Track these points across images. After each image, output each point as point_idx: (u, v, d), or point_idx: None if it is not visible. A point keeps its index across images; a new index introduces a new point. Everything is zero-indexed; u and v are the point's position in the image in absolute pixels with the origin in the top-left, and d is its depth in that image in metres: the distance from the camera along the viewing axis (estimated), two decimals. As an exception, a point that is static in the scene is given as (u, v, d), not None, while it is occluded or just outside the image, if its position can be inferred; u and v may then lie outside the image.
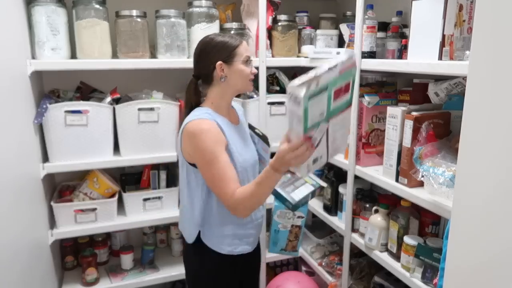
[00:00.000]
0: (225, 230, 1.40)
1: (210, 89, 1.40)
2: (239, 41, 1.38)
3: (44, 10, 1.60)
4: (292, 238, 1.61)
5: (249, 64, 1.39)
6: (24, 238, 1.46)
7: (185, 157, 1.35)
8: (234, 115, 1.47)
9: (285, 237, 1.60)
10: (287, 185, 1.47)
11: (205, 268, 1.44)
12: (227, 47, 1.36)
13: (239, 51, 1.36)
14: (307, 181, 1.50)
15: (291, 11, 2.14)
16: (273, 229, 1.59)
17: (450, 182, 1.15)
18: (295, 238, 1.61)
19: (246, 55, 1.37)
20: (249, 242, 1.47)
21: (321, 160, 1.17)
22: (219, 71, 1.35)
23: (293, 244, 1.62)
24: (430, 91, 1.44)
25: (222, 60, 1.35)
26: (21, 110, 1.52)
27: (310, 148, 1.04)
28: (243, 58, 1.36)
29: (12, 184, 1.37)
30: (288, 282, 2.05)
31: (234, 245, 1.43)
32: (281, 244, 1.62)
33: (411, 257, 1.39)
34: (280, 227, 1.58)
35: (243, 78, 1.38)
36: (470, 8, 1.18)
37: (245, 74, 1.38)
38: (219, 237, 1.41)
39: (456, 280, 0.81)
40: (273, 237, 1.60)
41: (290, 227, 1.58)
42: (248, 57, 1.38)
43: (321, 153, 1.14)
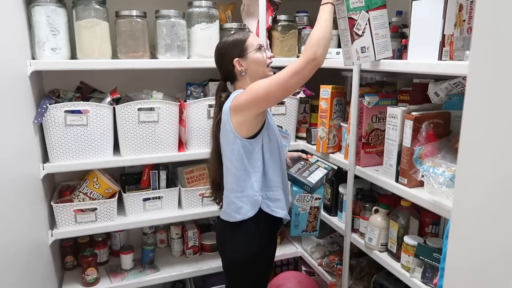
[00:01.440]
0: (278, 194, 1.51)
1: (236, 84, 1.52)
2: (247, 34, 1.49)
3: (44, 10, 1.60)
4: (311, 219, 1.78)
5: (262, 51, 1.48)
6: (24, 238, 1.46)
7: (239, 132, 1.41)
8: None
9: (305, 219, 1.76)
10: (302, 171, 1.66)
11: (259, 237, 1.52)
12: (238, 43, 1.47)
13: (249, 42, 1.47)
14: (320, 165, 1.69)
15: (291, 11, 2.15)
16: (293, 213, 1.74)
17: (450, 182, 1.15)
18: (314, 218, 1.78)
19: (257, 44, 1.47)
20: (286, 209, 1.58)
21: (369, 53, 1.41)
22: (238, 66, 1.47)
23: (313, 224, 1.79)
24: (430, 91, 1.44)
25: (237, 56, 1.46)
26: (21, 110, 1.52)
27: None
28: (255, 47, 1.46)
29: (12, 184, 1.37)
30: (288, 282, 2.05)
31: (284, 209, 1.54)
32: (302, 226, 1.78)
33: (411, 257, 1.40)
34: (300, 210, 1.74)
35: (260, 65, 1.48)
36: (470, 8, 1.18)
37: (261, 61, 1.48)
38: (275, 200, 1.51)
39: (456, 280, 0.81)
40: (294, 220, 1.76)
41: (309, 209, 1.75)
42: (260, 45, 1.48)
43: (368, 44, 1.40)
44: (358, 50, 1.40)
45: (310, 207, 1.75)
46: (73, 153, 1.75)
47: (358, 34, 1.40)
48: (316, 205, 1.76)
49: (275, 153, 1.50)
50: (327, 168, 1.68)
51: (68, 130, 1.72)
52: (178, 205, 2.01)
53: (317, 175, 1.64)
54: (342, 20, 1.40)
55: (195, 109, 1.89)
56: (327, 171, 1.67)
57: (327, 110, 1.78)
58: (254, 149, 1.44)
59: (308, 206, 1.75)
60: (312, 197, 1.74)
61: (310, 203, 1.75)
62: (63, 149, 1.73)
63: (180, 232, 2.19)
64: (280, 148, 1.53)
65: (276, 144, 1.50)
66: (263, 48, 1.50)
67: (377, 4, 1.40)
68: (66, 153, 1.74)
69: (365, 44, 1.41)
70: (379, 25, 1.42)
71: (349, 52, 1.42)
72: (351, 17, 1.38)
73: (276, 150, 1.50)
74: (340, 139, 1.85)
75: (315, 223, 1.79)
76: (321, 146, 1.85)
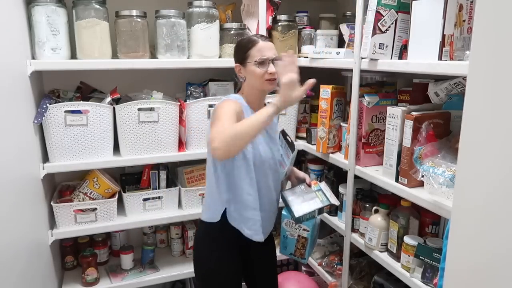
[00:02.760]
0: (247, 213, 1.46)
1: (242, 86, 1.51)
2: (254, 42, 1.43)
3: (44, 10, 1.60)
4: (299, 247, 1.64)
5: (264, 65, 1.41)
6: (24, 238, 1.46)
7: None
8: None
9: (293, 244, 1.64)
10: (297, 195, 1.57)
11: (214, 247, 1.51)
12: (241, 49, 1.45)
13: (251, 53, 1.42)
14: (318, 196, 1.55)
15: (291, 11, 2.14)
16: (282, 234, 1.65)
17: (450, 182, 1.15)
18: (302, 247, 1.64)
19: (259, 57, 1.40)
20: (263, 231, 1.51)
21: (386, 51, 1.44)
22: (238, 72, 1.48)
23: (301, 252, 1.65)
24: (430, 91, 1.44)
25: (239, 62, 1.46)
26: (21, 110, 1.52)
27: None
28: (255, 59, 1.41)
29: (12, 184, 1.37)
30: (288, 282, 2.05)
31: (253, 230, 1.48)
32: (290, 249, 1.66)
33: (411, 257, 1.39)
34: (288, 234, 1.63)
35: (257, 79, 1.43)
36: (470, 8, 1.18)
37: (257, 75, 1.42)
38: (243, 219, 1.47)
39: (456, 280, 0.81)
40: (283, 241, 1.66)
41: (297, 236, 1.62)
42: (263, 60, 1.41)
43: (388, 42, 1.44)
44: (376, 45, 1.42)
45: (298, 235, 1.62)
46: (73, 153, 1.75)
47: (381, 30, 1.41)
48: (304, 236, 1.61)
49: (249, 171, 1.43)
50: (323, 201, 1.53)
51: (68, 130, 1.71)
52: (178, 205, 2.00)
53: (308, 206, 1.52)
54: (371, 12, 1.42)
55: (195, 109, 1.89)
56: (322, 206, 1.52)
57: (327, 110, 1.78)
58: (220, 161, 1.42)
59: (295, 233, 1.62)
60: (300, 226, 1.59)
61: (298, 231, 1.61)
62: (63, 149, 1.73)
63: (180, 232, 2.19)
64: (264, 169, 1.47)
65: (252, 164, 1.43)
66: (268, 62, 1.41)
67: (408, 9, 1.40)
68: (66, 153, 1.74)
69: (385, 42, 1.43)
70: (403, 29, 1.44)
71: (366, 44, 1.44)
72: (379, 11, 1.39)
73: (251, 171, 1.44)
74: (340, 139, 1.85)
75: (303, 252, 1.65)
76: (321, 146, 1.85)
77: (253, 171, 1.44)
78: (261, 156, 1.45)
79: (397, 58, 1.45)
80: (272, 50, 1.44)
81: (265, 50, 1.42)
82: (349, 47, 1.76)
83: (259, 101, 1.51)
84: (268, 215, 1.55)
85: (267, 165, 1.48)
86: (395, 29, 1.44)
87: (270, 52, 1.42)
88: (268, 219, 1.56)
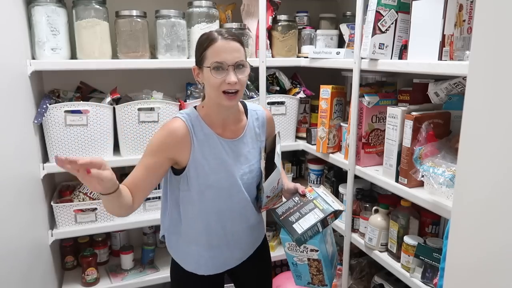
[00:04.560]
0: (189, 248, 1.34)
1: (205, 94, 1.28)
2: (211, 41, 1.14)
3: (44, 10, 1.60)
4: (314, 272, 1.32)
5: (220, 71, 1.13)
6: (24, 238, 1.46)
7: None
8: (235, 127, 1.30)
9: (306, 271, 1.32)
10: (291, 213, 1.29)
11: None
12: (198, 48, 1.18)
13: (207, 53, 1.14)
14: (317, 205, 1.28)
15: (291, 11, 2.14)
16: (290, 262, 1.34)
17: (450, 182, 1.15)
18: (318, 272, 1.32)
19: (215, 61, 1.12)
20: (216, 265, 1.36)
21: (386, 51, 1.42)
22: (195, 76, 1.23)
23: (319, 278, 1.33)
24: (430, 91, 1.44)
25: (196, 63, 1.21)
26: (21, 110, 1.52)
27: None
28: (211, 64, 1.13)
29: (12, 184, 1.37)
30: (288, 282, 2.05)
31: (197, 266, 1.35)
32: (306, 278, 1.35)
33: (411, 257, 1.39)
34: (296, 260, 1.31)
35: (212, 89, 1.16)
36: (470, 8, 1.18)
37: (212, 84, 1.15)
38: (182, 253, 1.37)
39: (456, 280, 0.81)
40: (294, 270, 1.35)
41: (307, 260, 1.29)
42: (218, 63, 1.13)
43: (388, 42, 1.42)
44: (376, 45, 1.42)
45: (308, 259, 1.28)
46: (73, 153, 1.75)
47: (381, 30, 1.41)
48: (314, 258, 1.27)
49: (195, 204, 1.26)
50: (324, 210, 1.24)
51: (68, 130, 1.71)
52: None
53: (307, 221, 1.23)
54: (371, 12, 1.42)
55: (195, 109, 1.89)
56: (323, 216, 1.23)
57: (327, 110, 1.78)
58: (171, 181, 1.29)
59: (304, 257, 1.28)
60: (306, 248, 1.25)
61: (305, 254, 1.27)
62: (63, 149, 1.73)
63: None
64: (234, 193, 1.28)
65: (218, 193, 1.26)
66: (226, 69, 1.13)
67: (408, 9, 1.40)
68: (66, 153, 1.74)
69: (385, 42, 1.43)
70: (403, 29, 1.45)
71: (367, 44, 1.44)
72: (379, 11, 1.40)
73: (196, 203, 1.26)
74: (340, 139, 1.85)
75: (321, 277, 1.32)
76: (321, 146, 1.85)
77: (200, 201, 1.26)
78: (211, 185, 1.24)
79: (397, 58, 1.45)
80: (234, 53, 1.14)
81: (224, 52, 1.12)
82: (349, 47, 1.77)
83: (221, 116, 1.24)
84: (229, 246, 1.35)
85: (226, 191, 1.27)
86: (395, 29, 1.44)
87: (230, 56, 1.13)
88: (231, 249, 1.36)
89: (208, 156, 1.24)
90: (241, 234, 1.37)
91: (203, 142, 1.24)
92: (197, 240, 1.32)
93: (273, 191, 1.34)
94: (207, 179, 1.24)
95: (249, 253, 1.44)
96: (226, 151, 1.26)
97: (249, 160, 1.32)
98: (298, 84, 2.17)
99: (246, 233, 1.39)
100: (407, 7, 1.42)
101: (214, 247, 1.33)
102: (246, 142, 1.32)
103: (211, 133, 1.25)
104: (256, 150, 1.34)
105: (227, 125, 1.29)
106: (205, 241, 1.32)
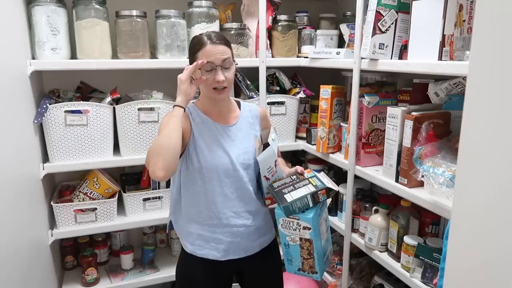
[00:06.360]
0: (190, 227, 1.40)
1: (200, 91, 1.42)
2: (201, 45, 1.29)
3: (44, 10, 1.60)
4: (305, 256, 1.30)
5: (210, 71, 1.29)
6: (24, 238, 1.46)
7: None
8: (229, 116, 1.43)
9: (298, 254, 1.30)
10: (288, 185, 1.33)
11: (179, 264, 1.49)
12: (190, 50, 1.36)
13: (198, 56, 1.30)
14: (311, 182, 1.32)
15: (291, 11, 2.14)
16: (282, 243, 1.33)
17: (450, 182, 1.15)
18: (309, 255, 1.29)
19: (204, 62, 1.27)
20: (218, 249, 1.38)
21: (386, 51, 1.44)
22: None
23: (310, 263, 1.31)
24: (430, 91, 1.44)
25: (189, 63, 1.34)
26: (21, 110, 1.52)
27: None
28: (203, 66, 1.28)
29: (12, 184, 1.37)
30: (288, 282, 2.05)
31: (197, 245, 1.39)
32: (296, 263, 1.32)
33: (411, 257, 1.39)
34: (289, 240, 1.30)
35: (204, 86, 1.33)
36: (470, 8, 1.18)
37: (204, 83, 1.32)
38: (184, 232, 1.42)
39: (456, 280, 0.81)
40: (285, 252, 1.33)
41: (299, 241, 1.28)
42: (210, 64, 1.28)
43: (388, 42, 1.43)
44: (376, 45, 1.42)
45: (300, 239, 1.27)
46: (73, 153, 1.75)
47: (381, 30, 1.41)
48: (306, 237, 1.26)
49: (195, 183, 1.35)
50: (317, 186, 1.28)
51: (68, 130, 1.71)
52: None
53: (299, 193, 1.27)
54: (371, 12, 1.42)
55: (195, 109, 1.89)
56: (315, 190, 1.27)
57: (327, 110, 1.78)
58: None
59: (296, 237, 1.28)
60: (299, 225, 1.26)
61: (298, 233, 1.27)
62: (63, 149, 1.73)
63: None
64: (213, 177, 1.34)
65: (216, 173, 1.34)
66: (218, 68, 1.28)
67: (408, 9, 1.40)
68: (66, 153, 1.74)
69: (385, 42, 1.43)
70: (403, 29, 1.45)
71: (367, 44, 1.44)
72: (379, 11, 1.40)
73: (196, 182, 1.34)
74: (340, 139, 1.85)
75: (312, 262, 1.30)
76: (321, 146, 1.85)
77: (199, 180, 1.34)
78: (209, 164, 1.33)
79: (397, 58, 1.45)
80: (221, 55, 1.29)
81: (212, 55, 1.28)
82: (349, 47, 1.77)
83: (216, 108, 1.40)
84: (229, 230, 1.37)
85: (223, 172, 1.34)
86: (395, 29, 1.44)
87: (218, 57, 1.28)
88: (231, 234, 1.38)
89: (206, 137, 1.36)
90: (244, 218, 1.39)
91: (200, 125, 1.37)
92: (197, 219, 1.38)
93: (271, 172, 1.38)
94: (205, 158, 1.34)
95: (254, 249, 1.44)
96: (221, 134, 1.38)
97: (244, 144, 1.41)
98: (298, 84, 2.17)
99: (249, 218, 1.40)
100: (407, 7, 1.42)
101: (214, 227, 1.37)
102: (240, 129, 1.43)
103: (207, 118, 1.39)
104: (252, 135, 1.44)
105: (221, 114, 1.42)
106: (205, 220, 1.37)
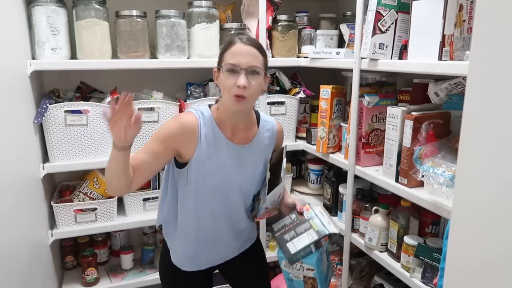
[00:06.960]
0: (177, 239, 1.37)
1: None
2: (231, 43, 1.17)
3: (44, 10, 1.60)
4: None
5: (233, 74, 1.14)
6: (24, 238, 1.46)
7: None
8: (244, 134, 1.30)
9: (301, 287, 1.35)
10: (287, 231, 1.31)
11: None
12: (222, 49, 1.21)
13: (225, 56, 1.17)
14: (313, 226, 1.29)
15: (291, 11, 2.14)
16: (285, 277, 1.37)
17: (450, 182, 1.15)
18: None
19: (230, 63, 1.14)
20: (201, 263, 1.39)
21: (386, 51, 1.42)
22: (215, 79, 1.24)
23: None
24: (430, 91, 1.44)
25: (217, 65, 1.22)
26: (21, 110, 1.52)
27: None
28: (226, 64, 1.15)
29: (12, 184, 1.37)
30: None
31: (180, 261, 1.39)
32: None
33: (411, 257, 1.39)
34: (292, 276, 1.34)
35: (224, 90, 1.17)
36: (470, 8, 1.18)
37: (224, 86, 1.16)
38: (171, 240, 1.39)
39: (456, 280, 0.81)
40: (289, 284, 1.38)
41: (302, 277, 1.32)
42: (231, 65, 1.14)
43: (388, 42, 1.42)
44: (376, 45, 1.42)
45: (304, 276, 1.31)
46: (73, 153, 1.75)
47: (381, 30, 1.41)
48: (310, 276, 1.30)
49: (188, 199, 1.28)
50: (319, 232, 1.26)
51: (68, 130, 1.71)
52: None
53: (301, 241, 1.25)
54: (371, 12, 1.41)
55: (195, 109, 1.89)
56: (317, 238, 1.24)
57: (327, 110, 1.78)
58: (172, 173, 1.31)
59: (300, 275, 1.31)
60: (302, 266, 1.28)
61: (301, 272, 1.30)
62: (63, 149, 1.73)
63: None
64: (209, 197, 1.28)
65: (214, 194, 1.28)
66: (240, 70, 1.13)
67: (408, 9, 1.40)
68: (66, 153, 1.74)
69: (385, 42, 1.43)
70: (403, 29, 1.44)
71: (367, 44, 1.44)
72: (379, 11, 1.39)
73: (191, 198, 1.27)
74: (340, 139, 1.85)
75: None
76: (321, 146, 1.85)
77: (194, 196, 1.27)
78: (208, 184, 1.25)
79: (397, 58, 1.45)
80: (249, 57, 1.14)
81: (240, 55, 1.14)
82: (349, 47, 1.77)
83: (231, 120, 1.25)
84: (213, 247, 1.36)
85: (221, 193, 1.29)
86: (395, 29, 1.44)
87: (245, 59, 1.14)
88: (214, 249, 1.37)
89: (213, 157, 1.24)
90: (229, 236, 1.39)
91: (211, 142, 1.23)
92: (186, 235, 1.34)
93: (272, 203, 1.38)
94: (206, 179, 1.25)
95: (234, 254, 1.45)
96: (232, 156, 1.27)
97: (253, 169, 1.33)
98: (298, 84, 2.17)
99: (234, 236, 1.41)
100: (407, 7, 1.42)
101: (200, 244, 1.35)
102: (253, 151, 1.32)
103: (221, 135, 1.25)
104: (262, 160, 1.34)
105: (237, 131, 1.29)
106: (193, 237, 1.34)
